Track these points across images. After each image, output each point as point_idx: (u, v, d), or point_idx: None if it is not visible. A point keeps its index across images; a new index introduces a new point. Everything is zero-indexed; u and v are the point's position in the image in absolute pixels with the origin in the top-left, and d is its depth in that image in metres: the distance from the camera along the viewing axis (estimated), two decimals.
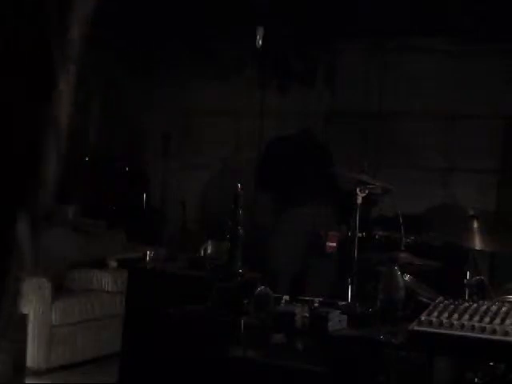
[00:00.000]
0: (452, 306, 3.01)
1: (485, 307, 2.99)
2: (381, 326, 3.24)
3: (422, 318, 2.87)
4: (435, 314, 2.91)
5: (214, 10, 6.88)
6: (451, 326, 2.80)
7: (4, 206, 1.15)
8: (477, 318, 2.84)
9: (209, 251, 4.80)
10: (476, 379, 3.16)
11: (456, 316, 2.86)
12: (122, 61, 7.92)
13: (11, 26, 1.10)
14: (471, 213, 4.00)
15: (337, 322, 3.22)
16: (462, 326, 2.78)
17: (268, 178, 6.96)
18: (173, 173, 7.89)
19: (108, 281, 6.12)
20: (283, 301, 3.49)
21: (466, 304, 3.06)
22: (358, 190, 4.05)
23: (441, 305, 3.04)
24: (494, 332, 2.73)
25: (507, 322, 2.81)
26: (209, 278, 4.08)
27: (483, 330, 2.75)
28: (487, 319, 2.83)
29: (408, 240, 4.40)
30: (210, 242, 4.82)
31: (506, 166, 6.85)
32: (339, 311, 3.32)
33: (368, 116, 7.27)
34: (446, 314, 2.89)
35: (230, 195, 3.94)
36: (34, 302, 5.39)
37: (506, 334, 2.72)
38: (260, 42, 6.81)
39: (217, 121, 7.80)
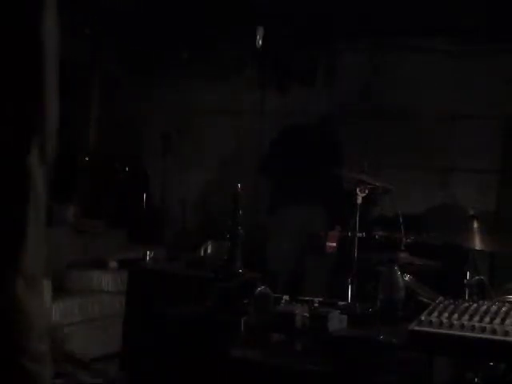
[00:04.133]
0: (452, 306, 3.01)
1: (485, 307, 2.98)
2: (381, 326, 3.24)
3: (422, 318, 2.86)
4: (435, 314, 2.91)
5: (214, 10, 6.88)
6: (451, 326, 2.80)
7: (17, 137, 1.15)
8: (477, 318, 2.84)
9: (209, 251, 4.80)
10: (476, 379, 3.16)
11: (456, 316, 2.86)
12: (122, 61, 7.92)
13: None
14: (471, 213, 4.00)
15: (337, 321, 3.22)
16: (462, 326, 2.78)
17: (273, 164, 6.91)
18: (173, 173, 7.89)
19: (108, 281, 6.12)
20: (283, 301, 3.49)
21: (466, 304, 3.05)
22: (357, 190, 4.05)
23: (441, 305, 3.04)
24: (494, 332, 2.73)
25: (507, 321, 2.80)
26: (209, 278, 4.08)
27: (483, 330, 2.75)
28: (487, 319, 2.83)
29: (408, 240, 4.40)
30: (209, 242, 4.82)
31: (506, 166, 6.84)
32: (339, 311, 3.32)
33: (368, 116, 7.27)
34: (446, 314, 2.89)
35: (229, 195, 3.94)
36: None
37: (506, 334, 2.72)
38: (260, 42, 6.81)
39: (217, 121, 7.80)
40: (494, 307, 2.99)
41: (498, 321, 2.82)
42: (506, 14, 6.16)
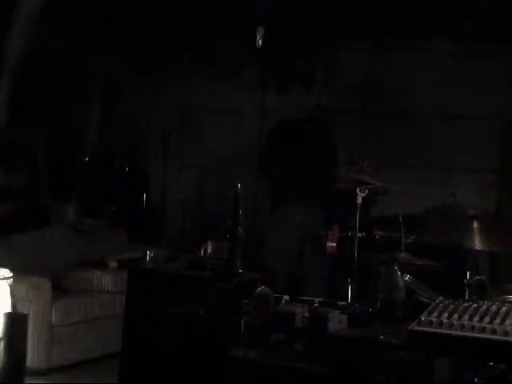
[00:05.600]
0: (452, 306, 3.01)
1: (485, 307, 2.98)
2: (381, 326, 3.24)
3: (422, 318, 2.86)
4: (435, 314, 2.91)
5: (214, 10, 6.88)
6: (451, 326, 2.80)
7: None
8: (477, 318, 2.84)
9: (209, 251, 4.79)
10: (476, 379, 3.16)
11: (456, 316, 2.86)
12: (123, 61, 7.92)
13: None
14: (471, 213, 4.00)
15: (337, 321, 3.21)
16: (462, 326, 2.78)
17: (273, 161, 6.87)
18: (173, 173, 7.89)
19: (108, 281, 6.12)
20: (283, 301, 3.49)
21: (466, 304, 3.05)
22: (358, 190, 4.05)
23: (441, 305, 3.04)
24: (494, 332, 2.73)
25: (507, 322, 2.80)
26: (209, 278, 4.07)
27: (483, 329, 2.75)
28: (487, 319, 2.83)
29: (408, 240, 4.40)
30: (209, 242, 4.82)
31: (505, 166, 6.85)
32: (339, 311, 3.31)
33: (368, 116, 7.27)
34: (445, 314, 2.89)
35: (229, 195, 3.93)
36: (33, 302, 5.38)
37: (506, 334, 2.72)
38: (260, 42, 6.81)
39: (217, 121, 7.80)
40: (494, 307, 2.99)
41: (498, 321, 2.82)
42: (507, 14, 6.16)
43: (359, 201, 4.05)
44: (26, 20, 6.41)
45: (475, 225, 3.93)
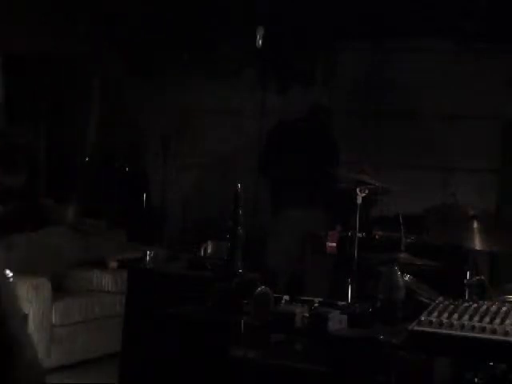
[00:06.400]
0: (452, 306, 3.01)
1: (485, 307, 2.99)
2: (381, 326, 3.24)
3: (422, 318, 2.86)
4: (435, 314, 2.91)
5: (214, 10, 6.88)
6: (451, 326, 2.80)
7: None
8: (477, 318, 2.84)
9: (209, 251, 4.79)
10: (476, 379, 3.16)
11: (456, 316, 2.86)
12: (123, 61, 7.91)
13: None
14: (471, 213, 4.00)
15: (337, 321, 3.21)
16: (462, 326, 2.78)
17: (273, 162, 6.85)
18: (173, 173, 7.89)
19: (108, 281, 6.12)
20: (283, 301, 3.49)
21: (466, 304, 3.06)
22: (358, 190, 4.05)
23: (441, 305, 3.04)
24: (494, 332, 2.73)
25: (507, 322, 2.80)
26: (209, 278, 4.08)
27: (483, 329, 2.75)
28: (487, 319, 2.83)
29: (408, 240, 4.40)
30: (209, 242, 4.82)
31: (505, 166, 6.85)
32: (339, 311, 3.31)
33: (368, 116, 7.27)
34: (445, 314, 2.89)
35: (229, 195, 3.93)
36: (33, 302, 5.38)
37: (506, 334, 2.72)
38: (260, 42, 6.81)
39: (217, 121, 7.80)
40: (494, 307, 2.99)
41: (498, 321, 2.82)
42: (507, 14, 6.16)
43: (359, 201, 4.05)
44: None
45: (475, 225, 3.93)
